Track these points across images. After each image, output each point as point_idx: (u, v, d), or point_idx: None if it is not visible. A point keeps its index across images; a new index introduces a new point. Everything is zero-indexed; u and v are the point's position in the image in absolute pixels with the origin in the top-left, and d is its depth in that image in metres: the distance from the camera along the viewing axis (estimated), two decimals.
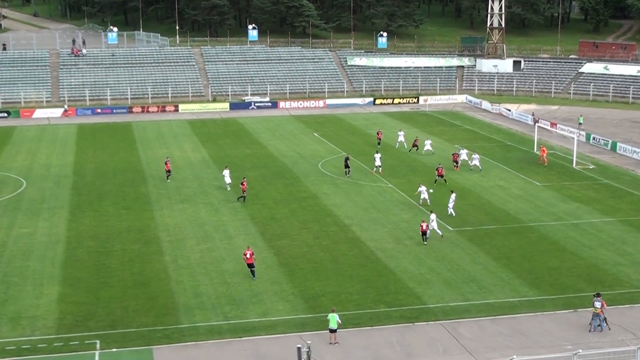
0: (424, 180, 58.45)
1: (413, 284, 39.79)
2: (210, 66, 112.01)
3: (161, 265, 42.44)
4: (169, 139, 79.08)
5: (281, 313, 36.37)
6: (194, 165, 66.38)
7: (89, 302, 37.39)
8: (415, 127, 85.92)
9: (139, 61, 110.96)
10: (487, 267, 42.21)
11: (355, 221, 50.39)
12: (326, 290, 38.90)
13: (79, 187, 59.24)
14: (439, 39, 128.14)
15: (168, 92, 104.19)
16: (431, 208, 51.02)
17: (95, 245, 45.55)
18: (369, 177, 61.84)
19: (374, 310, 36.76)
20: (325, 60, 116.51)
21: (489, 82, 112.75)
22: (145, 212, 52.46)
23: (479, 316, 36.17)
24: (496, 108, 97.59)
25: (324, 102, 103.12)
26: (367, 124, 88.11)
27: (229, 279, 40.33)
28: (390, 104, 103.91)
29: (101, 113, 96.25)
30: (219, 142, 77.16)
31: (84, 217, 51.21)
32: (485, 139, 79.06)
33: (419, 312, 36.58)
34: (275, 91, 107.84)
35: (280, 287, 39.34)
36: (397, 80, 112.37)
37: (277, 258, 43.53)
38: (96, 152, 72.67)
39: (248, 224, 49.97)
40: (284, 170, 63.96)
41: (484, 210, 53.00)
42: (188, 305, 37.15)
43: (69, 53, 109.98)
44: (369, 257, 43.76)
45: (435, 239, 46.29)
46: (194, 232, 48.12)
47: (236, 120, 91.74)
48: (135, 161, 68.51)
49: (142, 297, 38.06)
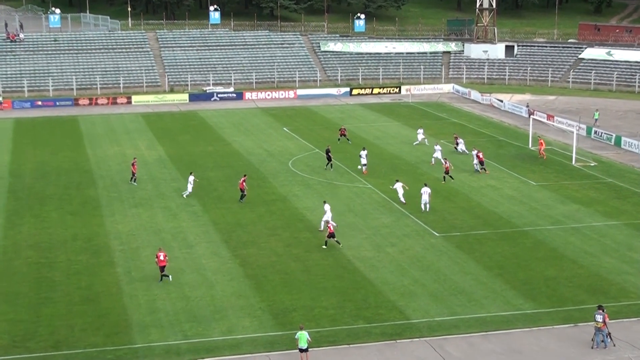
0: (407, 180, 58.64)
1: (395, 297, 39.91)
2: (167, 52, 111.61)
3: (112, 278, 42.16)
4: (121, 135, 78.65)
5: (247, 330, 36.31)
6: (149, 165, 66.10)
7: (29, 320, 37.03)
8: (397, 120, 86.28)
9: (85, 47, 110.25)
10: (478, 278, 42.45)
11: None
12: (298, 305, 38.91)
13: (16, 190, 58.69)
14: (423, 22, 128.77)
15: (119, 82, 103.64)
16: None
17: (35, 256, 45.15)
18: (345, 177, 61.97)
19: (352, 326, 36.80)
20: (296, 46, 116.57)
21: (479, 70, 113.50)
22: (94, 218, 52.12)
23: (469, 332, 36.32)
24: (486, 98, 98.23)
25: (295, 93, 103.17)
26: (343, 117, 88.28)
27: (189, 293, 40.21)
28: (368, 95, 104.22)
29: (42, 106, 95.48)
30: (178, 139, 76.87)
31: (22, 224, 50.72)
32: (474, 134, 79.53)
33: (402, 328, 36.68)
34: (240, 81, 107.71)
35: (246, 302, 39.28)
36: (376, 68, 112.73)
37: (243, 269, 43.47)
38: (36, 150, 72.07)
39: (210, 230, 49.86)
40: (250, 170, 63.85)
41: (473, 214, 53.30)
42: (142, 322, 36.95)
43: (3, 38, 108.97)
44: (346, 267, 43.82)
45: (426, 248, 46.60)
46: (149, 240, 47.90)
47: (196, 113, 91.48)
48: (83, 160, 68.05)
49: (90, 314, 37.78)
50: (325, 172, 63.07)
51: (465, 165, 64.83)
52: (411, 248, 46.69)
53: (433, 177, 61.54)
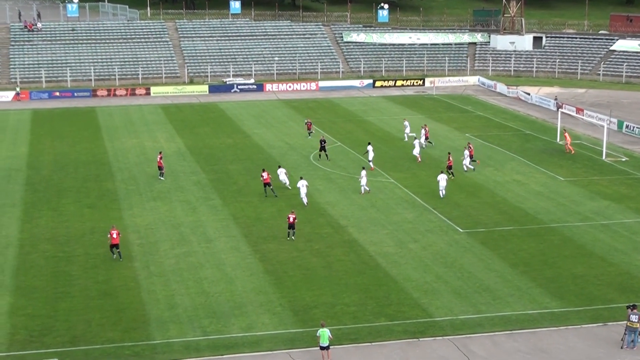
0: (430, 174, 58.55)
1: (418, 294, 39.89)
2: (187, 43, 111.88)
3: (130, 272, 42.41)
4: (140, 127, 79.00)
5: (267, 327, 36.42)
6: (168, 157, 66.26)
7: (46, 315, 37.33)
8: (420, 113, 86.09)
9: (103, 37, 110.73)
10: (503, 275, 42.34)
11: (352, 222, 50.47)
12: (319, 301, 38.97)
13: (34, 183, 59.13)
14: (448, 12, 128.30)
15: (138, 73, 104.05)
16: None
17: (53, 250, 45.49)
18: (367, 171, 61.83)
19: (374, 324, 36.83)
20: (318, 37, 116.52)
21: (505, 62, 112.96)
22: (112, 212, 52.41)
23: (494, 331, 36.26)
24: (513, 91, 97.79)
25: (317, 85, 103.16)
26: (365, 110, 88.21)
27: (208, 288, 40.37)
28: (392, 87, 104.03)
29: (60, 97, 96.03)
30: (197, 131, 77.10)
31: (40, 217, 51.10)
32: (499, 127, 79.24)
33: (425, 326, 36.67)
34: (261, 72, 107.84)
35: (266, 298, 39.38)
36: (400, 60, 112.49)
37: (263, 264, 43.58)
38: (54, 142, 72.55)
39: (230, 224, 50.01)
40: (271, 163, 63.90)
41: (498, 209, 53.14)
42: (161, 318, 37.15)
43: (21, 28, 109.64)
44: (368, 263, 43.84)
45: (447, 245, 46.55)
46: (168, 234, 48.12)
47: (216, 105, 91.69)
48: (101, 152, 68.43)
49: (107, 309, 38.03)
50: (348, 167, 63.04)
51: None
52: (434, 244, 46.63)
53: (457, 172, 61.28)
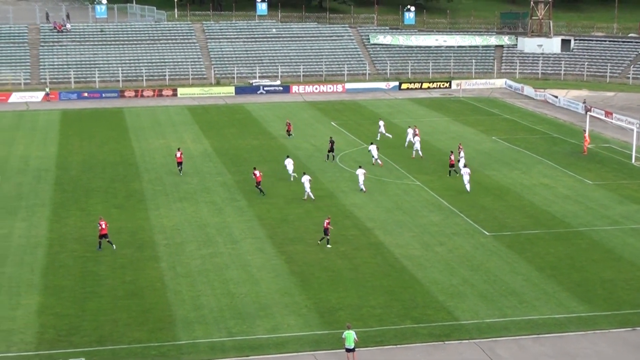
0: (457, 177, 58.42)
1: (443, 297, 39.80)
2: (214, 44, 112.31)
3: (157, 272, 42.64)
4: (167, 128, 79.41)
5: (293, 329, 36.47)
6: (194, 158, 66.63)
7: (74, 315, 37.60)
8: (447, 116, 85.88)
9: (131, 38, 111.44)
10: (529, 279, 42.14)
11: (378, 224, 50.44)
12: (344, 303, 38.98)
13: (63, 183, 59.60)
14: (475, 15, 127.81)
15: (165, 74, 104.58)
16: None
17: (81, 250, 45.82)
18: (393, 174, 61.89)
19: (399, 326, 36.79)
20: (345, 38, 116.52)
21: (533, 65, 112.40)
22: (139, 212, 52.72)
23: (520, 334, 36.10)
24: (540, 94, 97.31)
25: (343, 87, 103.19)
26: (391, 112, 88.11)
27: (234, 289, 40.50)
28: (418, 89, 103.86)
29: (88, 97, 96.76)
30: (223, 132, 77.36)
31: (69, 217, 51.49)
32: (527, 130, 78.87)
33: (451, 329, 36.58)
34: (288, 73, 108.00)
35: (291, 299, 39.45)
36: (426, 62, 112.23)
37: (289, 266, 43.66)
38: (82, 142, 73.08)
39: (255, 226, 50.14)
40: (297, 165, 63.97)
41: (525, 213, 52.89)
42: (187, 318, 37.31)
43: (50, 28, 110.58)
44: (394, 266, 43.80)
45: (469, 248, 46.42)
46: (194, 235, 48.33)
47: (242, 106, 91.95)
48: (128, 153, 68.84)
49: (134, 309, 38.25)
50: (374, 168, 62.94)
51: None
52: (460, 247, 46.50)
53: (484, 175, 61.36)
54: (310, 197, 54.94)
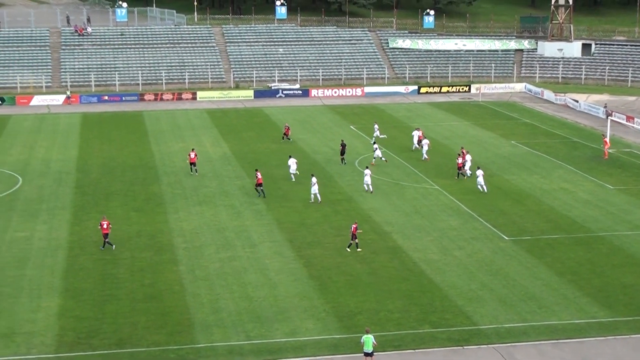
0: (475, 181, 58.29)
1: (462, 302, 39.69)
2: (233, 48, 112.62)
3: (175, 276, 42.77)
4: (186, 131, 79.66)
5: (311, 333, 36.48)
6: (213, 162, 66.80)
7: (93, 317, 37.79)
8: (466, 120, 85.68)
9: (151, 42, 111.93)
10: (549, 283, 41.95)
11: (397, 228, 50.38)
12: (363, 308, 38.95)
13: (83, 186, 59.91)
14: (495, 19, 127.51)
15: (184, 78, 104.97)
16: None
17: (100, 253, 46.02)
18: (411, 178, 61.81)
19: (417, 330, 36.72)
20: (364, 42, 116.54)
21: (553, 69, 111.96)
22: (158, 215, 52.91)
23: (539, 339, 35.95)
24: (561, 98, 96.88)
25: (362, 90, 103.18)
26: (410, 116, 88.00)
27: (252, 293, 40.56)
28: (437, 93, 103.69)
29: (108, 101, 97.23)
30: (242, 136, 77.51)
31: (88, 220, 51.73)
32: (547, 135, 78.54)
33: (469, 333, 36.48)
34: (307, 77, 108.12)
35: (310, 303, 39.46)
36: (445, 66, 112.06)
37: (307, 269, 43.67)
38: (102, 145, 73.44)
39: (274, 229, 50.19)
40: (316, 169, 64.06)
41: (545, 217, 52.67)
42: (205, 322, 37.41)
43: (72, 32, 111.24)
44: (412, 270, 43.72)
45: (487, 251, 46.27)
46: (213, 239, 48.44)
47: (261, 110, 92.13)
48: (147, 156, 69.12)
49: (153, 312, 38.39)
50: (393, 173, 62.96)
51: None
52: (479, 251, 46.36)
53: (503, 179, 61.20)
54: (317, 199, 55.21)
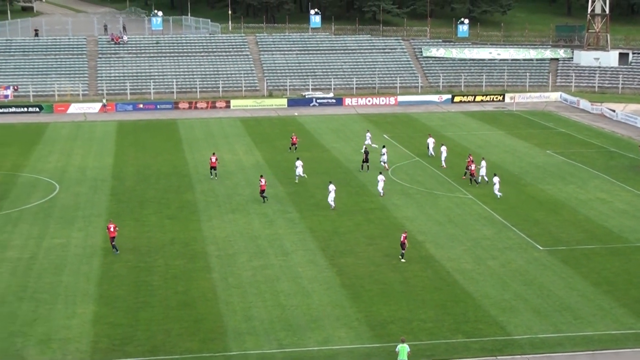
0: (511, 191, 57.93)
1: (496, 312, 39.44)
2: (267, 56, 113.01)
3: (208, 283, 42.94)
4: (219, 140, 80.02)
5: (344, 341, 36.43)
6: (246, 170, 67.03)
7: (127, 324, 38.04)
8: (500, 129, 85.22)
9: (186, 50, 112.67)
10: (584, 294, 41.57)
11: (430, 237, 50.21)
12: (395, 317, 38.85)
13: (118, 193, 60.40)
14: (530, 27, 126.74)
15: (219, 86, 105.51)
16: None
17: (134, 260, 46.35)
18: (445, 187, 61.59)
19: (450, 340, 36.56)
20: (398, 51, 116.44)
21: (589, 78, 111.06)
22: (192, 223, 53.18)
23: (574, 350, 35.66)
24: (597, 108, 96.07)
25: (395, 99, 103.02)
26: (444, 125, 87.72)
27: (285, 301, 40.60)
28: (471, 102, 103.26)
29: (143, 109, 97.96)
30: (275, 144, 77.68)
31: (123, 227, 52.00)
32: (582, 144, 77.90)
33: (503, 344, 36.24)
34: (340, 86, 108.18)
35: (342, 312, 39.43)
36: (479, 75, 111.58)
37: (340, 278, 43.64)
38: (137, 153, 74.01)
39: (307, 238, 50.23)
40: (349, 177, 64.07)
41: (580, 227, 52.21)
42: (238, 329, 37.51)
43: (108, 40, 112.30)
44: (445, 280, 43.54)
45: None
46: (245, 247, 48.59)
47: (295, 119, 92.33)
48: (181, 164, 69.52)
49: (186, 319, 38.56)
50: (426, 182, 62.82)
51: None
52: (513, 261, 46.06)
53: (538, 189, 60.80)
54: (330, 205, 55.73)
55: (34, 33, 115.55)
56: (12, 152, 74.11)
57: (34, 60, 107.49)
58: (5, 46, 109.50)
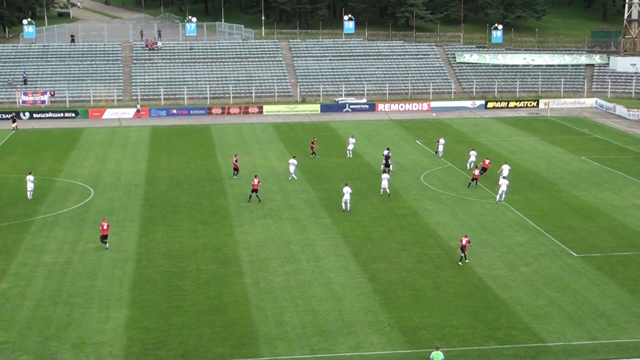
0: (543, 197, 57.52)
1: (529, 318, 39.19)
2: (300, 62, 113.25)
3: (240, 288, 43.08)
4: (252, 145, 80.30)
5: (376, 347, 36.39)
6: (278, 176, 67.17)
7: (160, 329, 38.27)
8: (534, 135, 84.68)
9: (219, 56, 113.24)
10: (620, 301, 41.17)
11: None
12: (427, 323, 38.73)
13: (151, 198, 60.80)
14: (565, 33, 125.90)
15: (251, 91, 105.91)
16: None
17: (167, 264, 46.62)
18: (477, 193, 61.30)
19: (483, 347, 36.37)
20: (431, 57, 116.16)
21: (625, 84, 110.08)
22: (224, 228, 53.39)
23: (609, 358, 35.37)
24: (634, 114, 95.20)
25: (429, 105, 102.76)
26: (477, 131, 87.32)
27: (317, 307, 40.62)
28: (504, 108, 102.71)
29: (177, 114, 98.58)
30: (308, 150, 77.65)
31: (156, 232, 52.46)
32: (618, 150, 77.17)
33: (536, 351, 36.00)
34: (373, 92, 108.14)
35: (375, 318, 39.38)
36: (513, 81, 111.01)
37: (372, 284, 43.59)
38: (171, 158, 74.46)
39: (339, 243, 50.23)
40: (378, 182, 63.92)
41: (616, 234, 51.72)
42: (270, 335, 37.58)
43: (142, 46, 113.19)
44: (477, 286, 43.33)
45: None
46: (277, 252, 48.68)
47: (328, 124, 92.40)
48: (214, 170, 69.84)
49: (218, 324, 38.71)
50: (458, 188, 62.58)
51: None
52: (547, 268, 45.73)
53: (572, 195, 60.36)
54: (346, 209, 56.45)
55: (70, 39, 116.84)
56: (48, 156, 74.94)
57: (70, 66, 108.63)
58: (42, 52, 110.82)
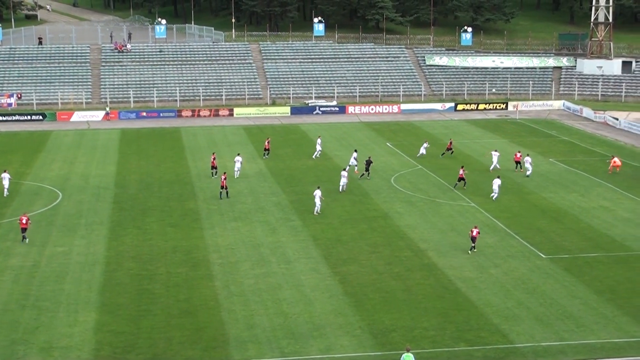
0: (512, 199, 57.84)
1: (498, 320, 39.40)
2: (270, 65, 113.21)
3: (210, 291, 42.92)
4: (222, 148, 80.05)
5: (346, 349, 36.40)
6: (249, 178, 67.05)
7: (129, 332, 38.02)
8: (503, 137, 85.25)
9: (189, 58, 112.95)
10: (587, 302, 41.52)
11: (432, 245, 50.19)
12: (398, 325, 38.81)
13: (121, 201, 60.44)
14: (533, 36, 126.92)
15: (222, 94, 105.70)
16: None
17: (137, 268, 46.35)
18: (447, 195, 61.59)
19: (453, 348, 36.50)
20: (401, 59, 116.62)
21: (592, 86, 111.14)
22: (194, 231, 53.19)
23: (577, 358, 35.57)
24: (600, 116, 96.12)
25: (399, 107, 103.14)
26: (446, 133, 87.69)
27: (287, 309, 40.58)
28: (474, 111, 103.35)
29: (147, 117, 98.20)
30: (278, 152, 77.70)
31: (125, 235, 52.17)
32: (585, 152, 77.89)
33: (505, 352, 36.18)
34: (344, 94, 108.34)
35: (345, 320, 39.40)
36: (482, 83, 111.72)
37: (343, 286, 43.61)
38: (140, 161, 74.09)
39: (309, 246, 50.23)
40: (352, 186, 64.05)
41: (583, 236, 52.17)
42: (240, 337, 37.48)
43: (112, 48, 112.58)
44: (447, 288, 43.49)
45: (526, 270, 45.91)
46: (248, 255, 48.58)
47: (298, 127, 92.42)
48: (184, 172, 69.57)
49: (188, 327, 38.54)
50: (428, 190, 62.83)
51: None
52: (516, 269, 46.02)
53: (540, 197, 60.81)
54: (317, 212, 56.56)
55: (38, 41, 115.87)
56: (15, 159, 74.24)
57: (38, 68, 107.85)
58: (9, 54, 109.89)
